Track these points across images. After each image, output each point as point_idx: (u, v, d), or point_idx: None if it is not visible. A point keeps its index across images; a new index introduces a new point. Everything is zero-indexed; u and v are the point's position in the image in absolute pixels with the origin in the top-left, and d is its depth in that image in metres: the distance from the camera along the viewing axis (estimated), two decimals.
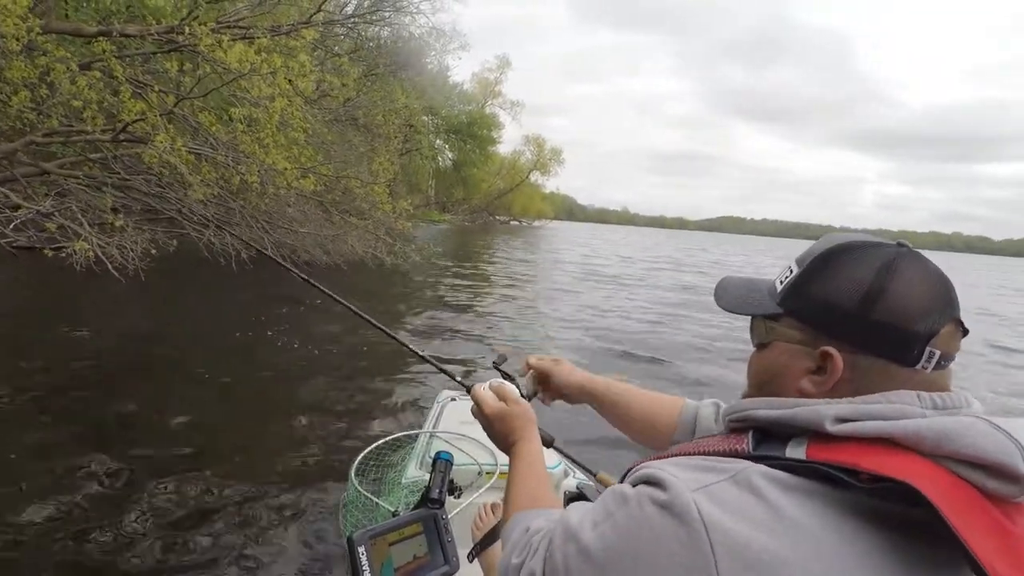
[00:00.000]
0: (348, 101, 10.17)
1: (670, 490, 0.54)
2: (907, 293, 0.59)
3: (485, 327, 8.08)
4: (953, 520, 0.47)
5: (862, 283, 0.59)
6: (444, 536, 1.14)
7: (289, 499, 3.14)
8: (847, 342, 0.59)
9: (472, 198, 52.24)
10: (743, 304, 0.71)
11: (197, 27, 6.09)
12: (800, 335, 0.63)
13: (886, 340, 0.58)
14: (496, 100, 51.71)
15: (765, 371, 0.67)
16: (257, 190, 7.49)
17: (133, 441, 3.66)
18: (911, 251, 0.62)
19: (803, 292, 0.64)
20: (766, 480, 0.52)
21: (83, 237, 6.41)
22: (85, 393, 4.44)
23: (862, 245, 0.63)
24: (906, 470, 0.50)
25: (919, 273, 0.60)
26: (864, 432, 0.54)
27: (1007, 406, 6.26)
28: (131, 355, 5.46)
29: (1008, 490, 0.51)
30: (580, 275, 16.42)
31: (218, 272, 9.05)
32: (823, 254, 0.64)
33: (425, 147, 27.14)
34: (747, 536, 0.49)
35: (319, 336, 6.69)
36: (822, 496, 0.52)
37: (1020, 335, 11.90)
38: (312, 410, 4.49)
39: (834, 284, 0.61)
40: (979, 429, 0.52)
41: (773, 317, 0.66)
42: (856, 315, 0.59)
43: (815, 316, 0.62)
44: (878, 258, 0.60)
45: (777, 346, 0.65)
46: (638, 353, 7.25)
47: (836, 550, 0.49)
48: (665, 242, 57.02)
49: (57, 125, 7.66)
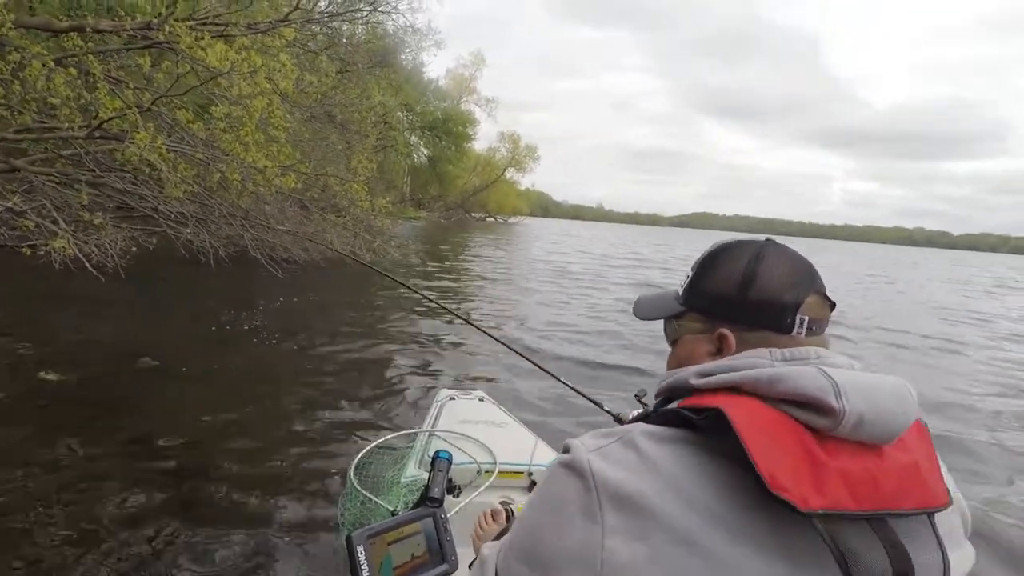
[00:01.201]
0: (324, 97, 10.20)
1: (573, 452, 0.66)
2: (773, 274, 0.72)
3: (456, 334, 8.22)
4: (746, 436, 0.57)
5: (737, 272, 0.73)
6: (443, 535, 1.15)
7: (285, 497, 3.15)
8: (735, 322, 0.73)
9: (447, 195, 52.13)
10: (655, 311, 0.86)
11: (176, 25, 6.08)
12: (700, 325, 0.77)
13: (763, 314, 0.72)
14: (471, 97, 51.74)
15: (679, 359, 0.79)
16: (238, 188, 7.50)
17: (122, 439, 3.60)
18: (775, 243, 0.77)
19: (697, 290, 0.79)
20: (644, 436, 0.63)
21: (59, 235, 6.39)
22: (64, 395, 4.31)
23: (736, 244, 0.78)
24: (727, 402, 0.61)
25: (781, 258, 0.74)
26: (717, 383, 0.66)
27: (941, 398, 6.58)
28: (110, 355, 5.38)
29: (824, 422, 0.60)
30: (549, 275, 16.61)
31: (196, 270, 9.01)
32: (707, 256, 0.79)
33: (400, 144, 27.09)
34: (620, 479, 0.60)
35: (306, 333, 6.72)
36: (681, 439, 0.63)
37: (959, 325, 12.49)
38: (306, 407, 4.46)
39: (718, 277, 0.76)
40: (806, 373, 0.62)
41: (679, 315, 0.81)
42: (737, 299, 0.73)
43: (708, 307, 0.77)
44: (748, 251, 0.75)
45: (685, 338, 0.80)
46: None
47: (684, 479, 0.59)
48: (639, 239, 57.50)
49: (30, 122, 7.57)
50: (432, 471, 1.35)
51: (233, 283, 9.02)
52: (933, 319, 12.94)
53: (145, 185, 8.49)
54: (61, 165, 8.44)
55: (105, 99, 7.04)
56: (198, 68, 6.53)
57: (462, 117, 47.90)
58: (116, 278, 6.65)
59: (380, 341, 6.60)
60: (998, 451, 4.76)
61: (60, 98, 6.24)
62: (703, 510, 0.58)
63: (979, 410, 5.88)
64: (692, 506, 0.58)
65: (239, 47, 6.30)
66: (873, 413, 0.60)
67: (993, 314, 15.07)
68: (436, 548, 1.12)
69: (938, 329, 11.40)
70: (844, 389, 0.60)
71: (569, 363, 6.35)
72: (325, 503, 3.11)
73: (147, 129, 6.15)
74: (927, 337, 10.27)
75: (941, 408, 5.78)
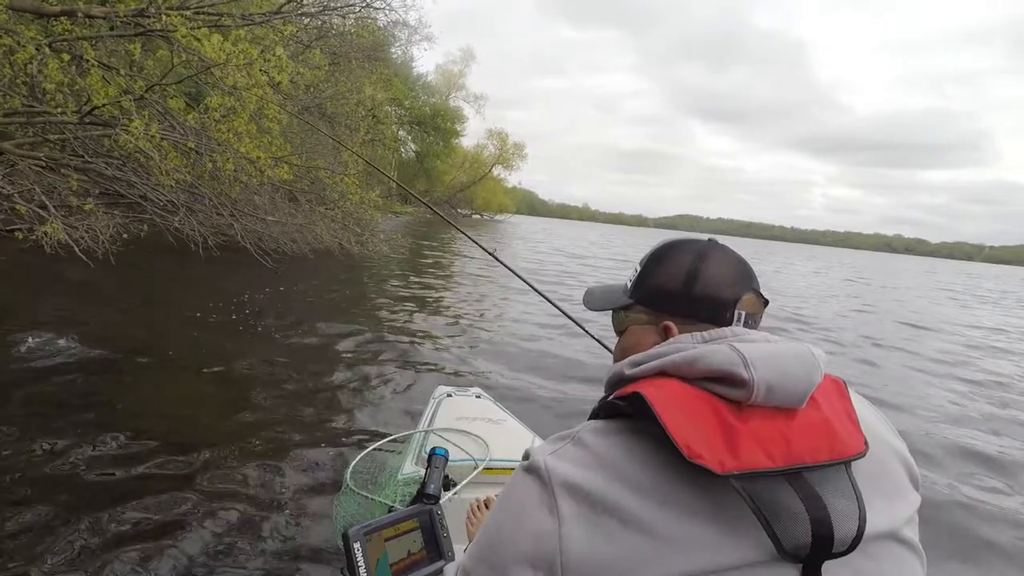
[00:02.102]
0: (314, 88, 10.23)
1: (531, 457, 0.70)
2: (715, 272, 0.79)
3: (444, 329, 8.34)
4: (661, 412, 0.63)
5: (683, 269, 0.80)
6: (439, 531, 1.16)
7: (280, 494, 3.12)
8: (679, 315, 0.79)
9: (435, 190, 52.06)
10: (604, 302, 0.92)
11: (173, 18, 6.12)
12: (646, 317, 0.83)
13: (705, 308, 0.78)
14: (460, 93, 51.73)
15: (626, 351, 0.83)
16: (230, 177, 7.54)
17: (113, 434, 3.49)
18: (718, 243, 0.83)
19: (644, 284, 0.84)
20: (591, 433, 0.69)
21: (49, 221, 6.40)
22: (51, 383, 4.16)
23: (682, 242, 0.84)
24: (648, 386, 0.67)
25: (723, 257, 0.81)
26: (648, 370, 0.71)
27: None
28: (91, 340, 5.22)
29: (737, 393, 0.65)
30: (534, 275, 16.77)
31: (185, 259, 9.01)
32: (655, 252, 0.85)
33: (388, 138, 27.05)
34: (572, 474, 0.65)
35: (297, 326, 6.73)
36: (621, 429, 0.68)
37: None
38: (298, 401, 4.39)
39: (664, 273, 0.82)
40: (719, 350, 0.68)
41: (626, 307, 0.86)
42: (682, 293, 0.79)
43: (654, 300, 0.82)
44: (693, 250, 0.81)
45: (631, 329, 0.85)
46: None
47: (625, 465, 0.64)
48: (630, 240, 57.67)
49: (19, 105, 7.54)
50: (429, 468, 1.36)
51: (221, 273, 9.00)
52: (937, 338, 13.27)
53: (134, 172, 8.50)
54: (48, 150, 8.42)
55: (97, 85, 7.06)
56: (193, 58, 6.56)
57: (451, 113, 47.88)
58: (104, 265, 6.60)
59: (374, 336, 6.60)
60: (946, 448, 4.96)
61: (54, 83, 6.23)
62: (643, 490, 0.62)
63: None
64: (635, 489, 0.63)
65: (235, 39, 6.34)
66: (780, 379, 0.65)
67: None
68: (433, 544, 1.13)
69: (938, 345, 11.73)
70: (751, 360, 0.65)
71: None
72: (320, 499, 3.09)
73: (141, 117, 6.17)
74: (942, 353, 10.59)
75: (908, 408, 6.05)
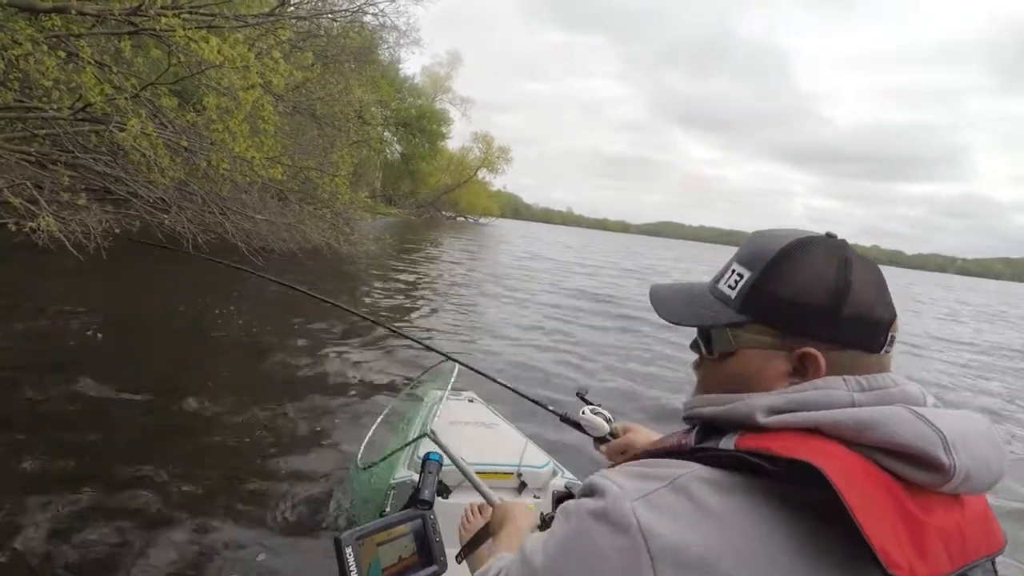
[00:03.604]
0: (303, 88, 10.38)
1: (607, 497, 0.55)
2: (866, 285, 0.61)
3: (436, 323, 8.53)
4: (850, 499, 0.48)
5: (827, 280, 0.60)
6: (432, 537, 1.14)
7: (274, 493, 3.11)
8: (822, 339, 0.60)
9: (419, 192, 52.14)
10: (694, 315, 0.69)
11: (171, 19, 6.27)
12: (771, 340, 0.62)
13: (858, 331, 0.60)
14: (446, 95, 51.94)
15: (733, 378, 0.65)
16: (224, 175, 7.69)
17: (103, 432, 3.54)
18: (848, 244, 0.65)
19: (766, 295, 0.63)
20: (700, 483, 0.54)
21: (42, 215, 6.48)
22: (37, 378, 4.17)
23: (810, 241, 0.64)
24: (815, 453, 0.51)
25: (865, 263, 0.63)
26: (793, 423, 0.55)
27: None
28: (91, 336, 5.36)
29: (929, 479, 0.52)
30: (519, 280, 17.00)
31: (174, 256, 9.06)
32: (778, 255, 0.63)
33: (374, 139, 27.16)
34: (680, 538, 0.51)
35: (286, 326, 6.82)
36: (748, 488, 0.53)
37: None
38: (290, 402, 4.42)
39: (799, 284, 0.61)
40: (901, 418, 0.53)
41: (737, 324, 0.64)
42: (828, 312, 0.60)
43: (785, 318, 0.62)
44: (832, 254, 0.62)
45: (745, 353, 0.64)
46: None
47: (759, 539, 0.51)
48: (622, 248, 58.12)
49: (11, 100, 7.60)
50: (422, 473, 1.35)
51: (210, 271, 9.10)
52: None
53: (123, 169, 8.57)
54: (39, 145, 8.46)
55: (91, 82, 7.15)
56: (190, 59, 6.70)
57: (437, 115, 48.10)
58: (88, 261, 6.64)
59: (368, 336, 6.67)
60: None
61: (51, 81, 6.34)
62: (783, 574, 0.50)
63: None
64: (770, 571, 0.50)
65: (232, 42, 6.51)
66: (977, 467, 0.53)
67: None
68: (425, 550, 1.12)
69: None
70: (952, 441, 0.52)
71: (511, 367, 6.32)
72: (313, 500, 3.07)
73: (137, 115, 6.30)
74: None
75: None
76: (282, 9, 9.27)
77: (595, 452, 1.32)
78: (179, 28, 6.12)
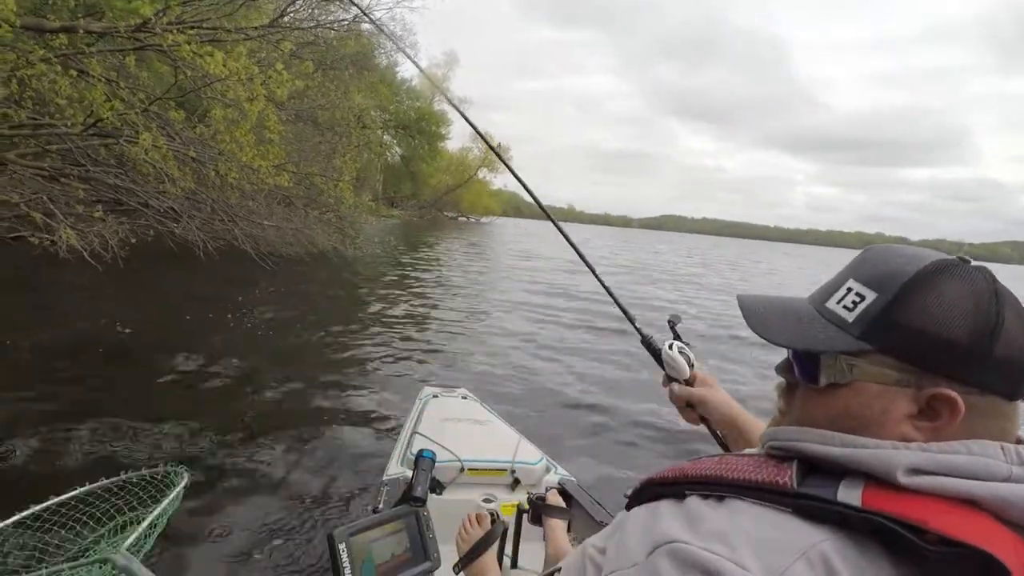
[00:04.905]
0: (304, 96, 10.64)
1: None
2: (1018, 322, 0.53)
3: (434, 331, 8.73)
4: None
5: (973, 312, 0.52)
6: (425, 533, 1.15)
7: (267, 489, 3.12)
8: (962, 381, 0.52)
9: (421, 194, 52.41)
10: (802, 337, 0.59)
11: (176, 35, 6.53)
12: (897, 375, 0.54)
13: (1006, 376, 0.52)
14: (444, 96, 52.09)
15: (845, 415, 0.56)
16: (232, 184, 7.96)
17: (118, 431, 3.65)
18: (989, 271, 0.55)
19: (898, 324, 0.54)
20: (841, 557, 0.46)
21: (62, 227, 6.75)
22: (59, 387, 4.33)
23: (953, 266, 0.55)
24: (984, 536, 0.45)
25: (1013, 296, 0.55)
26: (943, 490, 0.48)
27: None
28: (107, 344, 5.48)
29: None
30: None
31: (182, 264, 9.34)
32: (916, 277, 0.54)
33: (374, 142, 27.45)
34: None
35: (287, 328, 6.96)
36: (891, 561, 0.46)
37: None
38: (286, 402, 4.49)
39: (941, 314, 0.52)
40: None
41: (856, 353, 0.56)
42: (976, 351, 0.51)
43: (920, 352, 0.53)
44: (981, 283, 0.54)
45: (861, 387, 0.56)
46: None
47: None
48: (630, 243, 58.01)
49: (24, 118, 7.88)
50: (416, 470, 1.37)
51: (218, 278, 9.33)
52: None
53: (133, 180, 8.86)
54: (51, 160, 8.76)
55: (100, 98, 7.43)
56: (196, 73, 6.96)
57: (435, 117, 48.23)
58: (99, 270, 6.85)
59: (362, 337, 6.83)
60: None
61: (65, 99, 6.61)
62: None
63: None
64: None
65: (236, 55, 6.76)
66: None
67: None
68: (419, 546, 1.13)
69: None
70: None
71: None
72: (309, 501, 3.10)
73: (148, 129, 6.57)
74: None
75: None
76: (280, 20, 9.51)
77: (599, 447, 1.38)
78: (185, 44, 6.37)
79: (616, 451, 4.23)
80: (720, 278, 22.53)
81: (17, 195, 7.41)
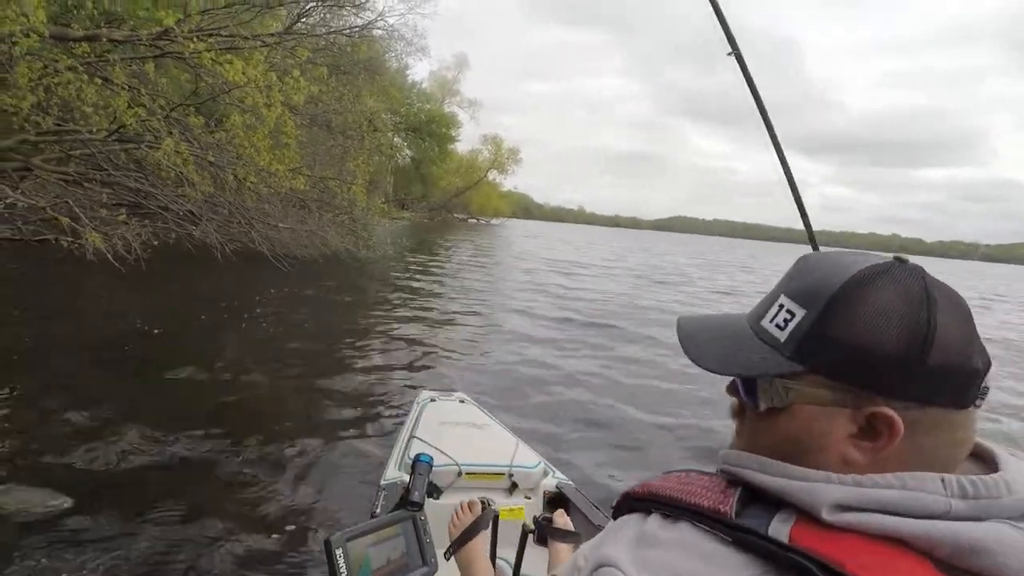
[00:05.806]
0: (318, 100, 10.87)
1: None
2: (955, 325, 0.48)
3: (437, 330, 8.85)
4: None
5: (905, 321, 0.48)
6: (423, 538, 1.14)
7: (264, 495, 3.12)
8: (900, 396, 0.48)
9: (431, 196, 52.70)
10: (734, 363, 0.55)
11: (197, 43, 6.76)
12: (831, 395, 0.50)
13: (948, 385, 0.48)
14: (454, 99, 52.40)
15: (786, 440, 0.53)
16: (250, 188, 8.19)
17: (129, 431, 3.68)
18: (926, 272, 0.51)
19: (827, 340, 0.50)
20: None
21: (88, 230, 7.00)
22: (77, 385, 4.39)
23: (879, 271, 0.50)
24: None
25: (949, 297, 0.50)
26: (868, 527, 0.45)
27: None
28: (126, 344, 5.57)
29: None
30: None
31: (198, 265, 9.55)
32: (841, 291, 0.50)
33: (385, 145, 27.73)
34: None
35: (290, 330, 7.01)
36: None
37: None
38: (285, 403, 4.53)
39: (870, 327, 0.48)
40: (1012, 543, 0.43)
41: (790, 376, 0.52)
42: (908, 362, 0.47)
43: (851, 370, 0.49)
44: (910, 287, 0.49)
45: (799, 410, 0.52)
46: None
47: None
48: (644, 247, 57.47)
49: (51, 124, 8.15)
50: (413, 474, 1.36)
51: (234, 280, 9.51)
52: None
53: (152, 184, 9.12)
54: (74, 165, 9.04)
55: (123, 105, 7.69)
56: (215, 80, 7.19)
57: (445, 119, 48.54)
58: (122, 272, 7.07)
59: (364, 339, 6.91)
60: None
61: (91, 106, 6.85)
62: None
63: None
64: None
65: (255, 62, 6.98)
66: None
67: None
68: (416, 551, 1.13)
69: None
70: None
71: None
72: (307, 502, 3.12)
73: (171, 136, 6.80)
74: None
75: None
76: (296, 27, 9.73)
77: (597, 451, 1.39)
78: (205, 52, 6.59)
79: (614, 455, 4.19)
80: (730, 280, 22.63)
81: (43, 199, 7.68)
